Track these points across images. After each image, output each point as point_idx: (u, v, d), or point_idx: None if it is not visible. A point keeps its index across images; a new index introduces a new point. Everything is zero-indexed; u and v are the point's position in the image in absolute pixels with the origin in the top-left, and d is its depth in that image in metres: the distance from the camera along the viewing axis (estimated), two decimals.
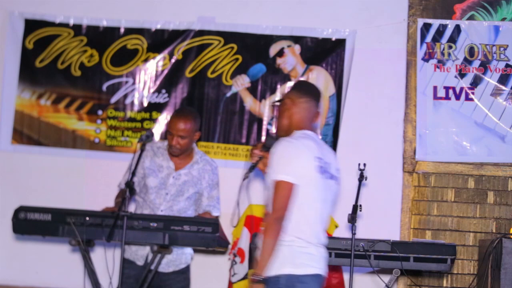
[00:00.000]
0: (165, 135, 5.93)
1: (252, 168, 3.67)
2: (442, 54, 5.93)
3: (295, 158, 3.33)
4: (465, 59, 5.92)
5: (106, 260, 4.25)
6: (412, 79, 5.97)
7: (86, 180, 6.09)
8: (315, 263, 3.37)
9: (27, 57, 6.23)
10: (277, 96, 6.07)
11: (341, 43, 6.05)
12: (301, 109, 3.51)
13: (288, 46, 6.10)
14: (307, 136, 3.47)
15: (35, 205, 4.44)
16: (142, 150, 4.45)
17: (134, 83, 6.17)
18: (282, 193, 3.28)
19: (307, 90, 3.61)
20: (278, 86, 6.08)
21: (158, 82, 6.17)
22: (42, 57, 6.23)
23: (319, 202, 3.40)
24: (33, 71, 6.23)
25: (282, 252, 3.28)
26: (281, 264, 3.28)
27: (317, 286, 3.36)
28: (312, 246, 3.37)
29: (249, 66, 6.12)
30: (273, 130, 6.04)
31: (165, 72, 6.16)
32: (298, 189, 3.30)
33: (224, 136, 6.07)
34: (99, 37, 6.20)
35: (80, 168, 6.12)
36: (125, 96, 6.18)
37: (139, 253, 4.48)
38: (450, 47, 5.94)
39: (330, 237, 5.24)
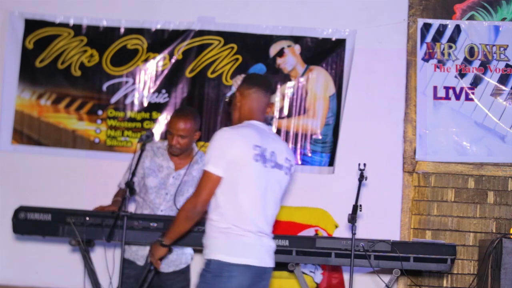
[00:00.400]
0: (165, 135, 5.93)
1: None
2: (442, 54, 5.93)
3: (227, 147, 3.35)
4: (465, 59, 5.92)
5: (106, 260, 4.26)
6: (412, 79, 5.97)
7: (86, 180, 6.09)
8: (249, 253, 3.35)
9: (27, 57, 6.23)
10: (276, 96, 6.07)
11: (341, 43, 6.05)
12: (249, 100, 3.54)
13: (288, 46, 6.10)
14: (249, 125, 3.49)
15: (35, 205, 4.45)
16: (142, 150, 4.45)
17: (134, 83, 6.17)
18: (205, 183, 3.35)
19: (255, 81, 3.63)
20: (278, 86, 6.08)
21: (158, 82, 6.17)
22: (42, 57, 6.23)
23: (258, 190, 3.38)
24: (33, 71, 6.23)
25: (218, 239, 3.33)
26: (215, 250, 3.34)
27: (246, 277, 3.32)
28: (251, 234, 3.35)
29: (249, 66, 6.12)
30: (273, 130, 6.04)
31: (165, 72, 6.16)
32: (231, 177, 3.33)
33: None
34: (99, 37, 6.20)
35: (80, 168, 6.12)
36: (125, 96, 6.18)
37: (139, 253, 4.48)
38: (450, 47, 5.94)
39: (330, 237, 5.26)
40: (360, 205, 4.35)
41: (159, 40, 6.17)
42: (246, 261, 3.32)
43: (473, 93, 5.89)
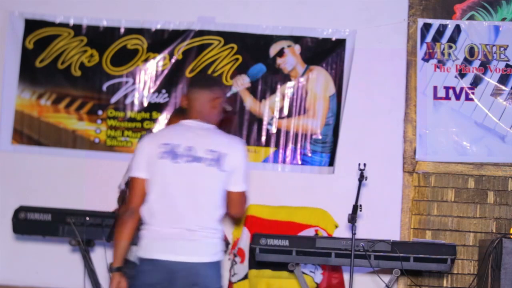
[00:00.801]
0: None
1: None
2: (442, 54, 5.93)
3: (140, 151, 3.49)
4: (465, 59, 5.92)
5: (106, 260, 4.26)
6: (412, 79, 5.97)
7: (86, 180, 6.09)
8: (157, 248, 3.40)
9: (27, 57, 6.23)
10: (276, 96, 6.07)
11: (341, 43, 6.05)
12: (189, 102, 3.62)
13: (288, 46, 6.10)
14: (173, 125, 3.63)
15: (35, 205, 4.45)
16: None
17: (134, 83, 6.18)
18: (131, 187, 3.47)
19: (190, 83, 3.82)
20: (278, 86, 6.08)
21: (158, 82, 6.17)
22: (42, 57, 6.23)
23: (167, 187, 3.41)
24: (33, 71, 6.23)
25: (141, 236, 3.44)
26: (139, 248, 3.46)
27: (157, 272, 3.37)
28: (160, 230, 3.41)
29: (249, 66, 6.12)
30: (273, 130, 6.05)
31: (165, 72, 6.16)
32: (149, 178, 3.43)
33: None
34: (99, 37, 6.20)
35: (80, 168, 6.12)
36: (125, 96, 6.18)
37: None
38: (450, 47, 5.94)
39: (330, 237, 5.26)
40: (360, 205, 4.35)
41: (159, 40, 6.17)
42: (152, 255, 3.39)
43: (473, 93, 5.89)
